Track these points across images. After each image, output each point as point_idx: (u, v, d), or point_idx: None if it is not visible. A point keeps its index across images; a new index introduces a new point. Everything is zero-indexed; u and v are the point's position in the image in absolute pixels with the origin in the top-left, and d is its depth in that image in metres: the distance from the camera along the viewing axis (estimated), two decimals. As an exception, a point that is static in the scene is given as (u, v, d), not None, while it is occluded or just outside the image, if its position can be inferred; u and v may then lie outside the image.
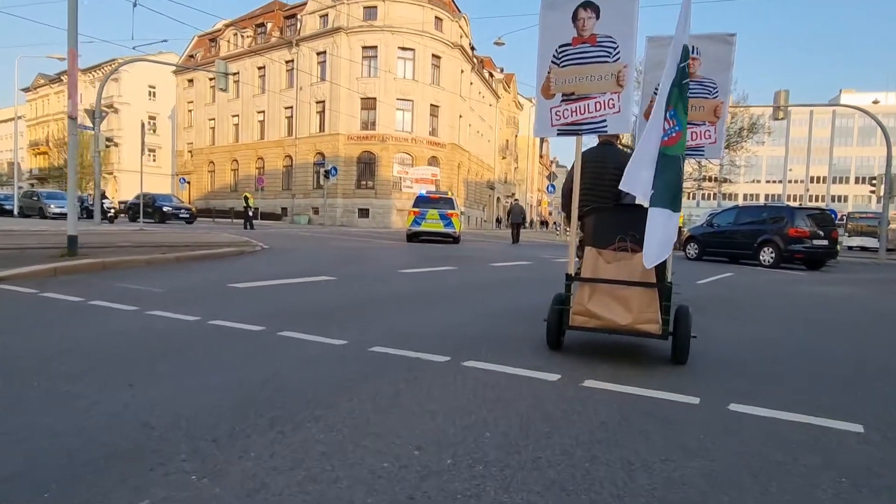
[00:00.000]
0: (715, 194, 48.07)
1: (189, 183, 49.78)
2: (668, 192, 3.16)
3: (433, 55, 39.60)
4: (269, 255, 10.47)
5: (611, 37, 3.39)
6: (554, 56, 3.52)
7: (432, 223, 18.41)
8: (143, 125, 18.82)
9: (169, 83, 55.04)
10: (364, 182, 39.18)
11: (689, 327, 3.40)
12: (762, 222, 14.99)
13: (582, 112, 3.50)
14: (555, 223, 79.97)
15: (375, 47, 38.15)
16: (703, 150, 4.03)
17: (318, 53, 40.08)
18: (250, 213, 23.02)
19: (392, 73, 37.99)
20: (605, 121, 3.47)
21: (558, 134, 3.61)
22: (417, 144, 39.14)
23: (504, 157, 61.33)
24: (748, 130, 34.80)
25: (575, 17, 3.44)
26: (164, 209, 26.07)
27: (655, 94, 3.51)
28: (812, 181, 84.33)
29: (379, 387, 2.71)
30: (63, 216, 25.63)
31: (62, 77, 64.09)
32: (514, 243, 21.44)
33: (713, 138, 3.94)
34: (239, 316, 4.24)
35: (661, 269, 3.41)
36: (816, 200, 78.91)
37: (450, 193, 20.88)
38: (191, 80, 50.31)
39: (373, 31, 37.98)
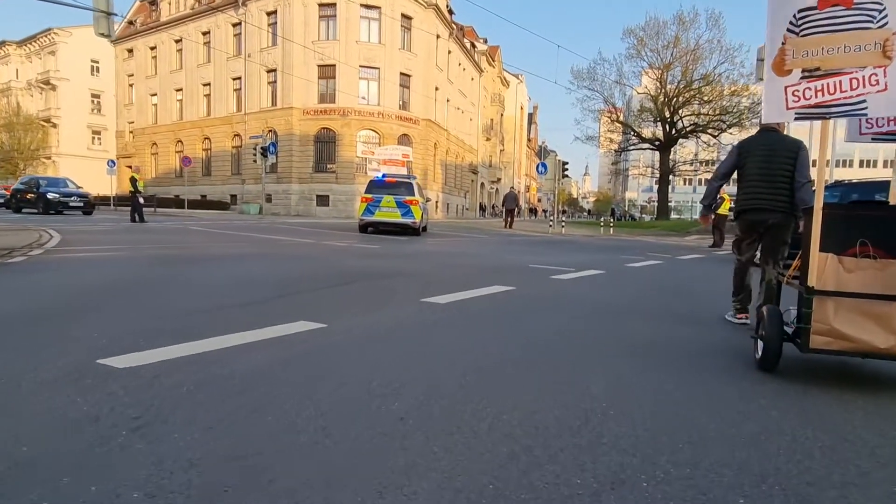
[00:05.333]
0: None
1: (131, 167, 43.63)
2: None
3: (403, 15, 33.86)
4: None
5: None
6: (791, 23, 2.86)
7: (387, 212, 15.18)
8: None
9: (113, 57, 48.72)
10: (323, 164, 33.56)
11: None
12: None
13: (831, 91, 2.78)
14: (544, 211, 73.91)
15: (334, 5, 32.37)
16: None
17: (269, 14, 34.25)
18: (140, 200, 16.91)
19: (354, 35, 32.35)
20: (863, 101, 2.74)
21: (796, 118, 2.95)
22: (385, 120, 33.52)
23: (489, 139, 55.74)
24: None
25: None
26: (49, 197, 20.44)
27: None
28: (868, 165, 73.31)
29: None
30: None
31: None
32: (505, 227, 23.60)
33: None
34: None
35: None
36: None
37: (413, 177, 16.92)
38: (130, 51, 44.09)
39: (331, -15, 32.23)
